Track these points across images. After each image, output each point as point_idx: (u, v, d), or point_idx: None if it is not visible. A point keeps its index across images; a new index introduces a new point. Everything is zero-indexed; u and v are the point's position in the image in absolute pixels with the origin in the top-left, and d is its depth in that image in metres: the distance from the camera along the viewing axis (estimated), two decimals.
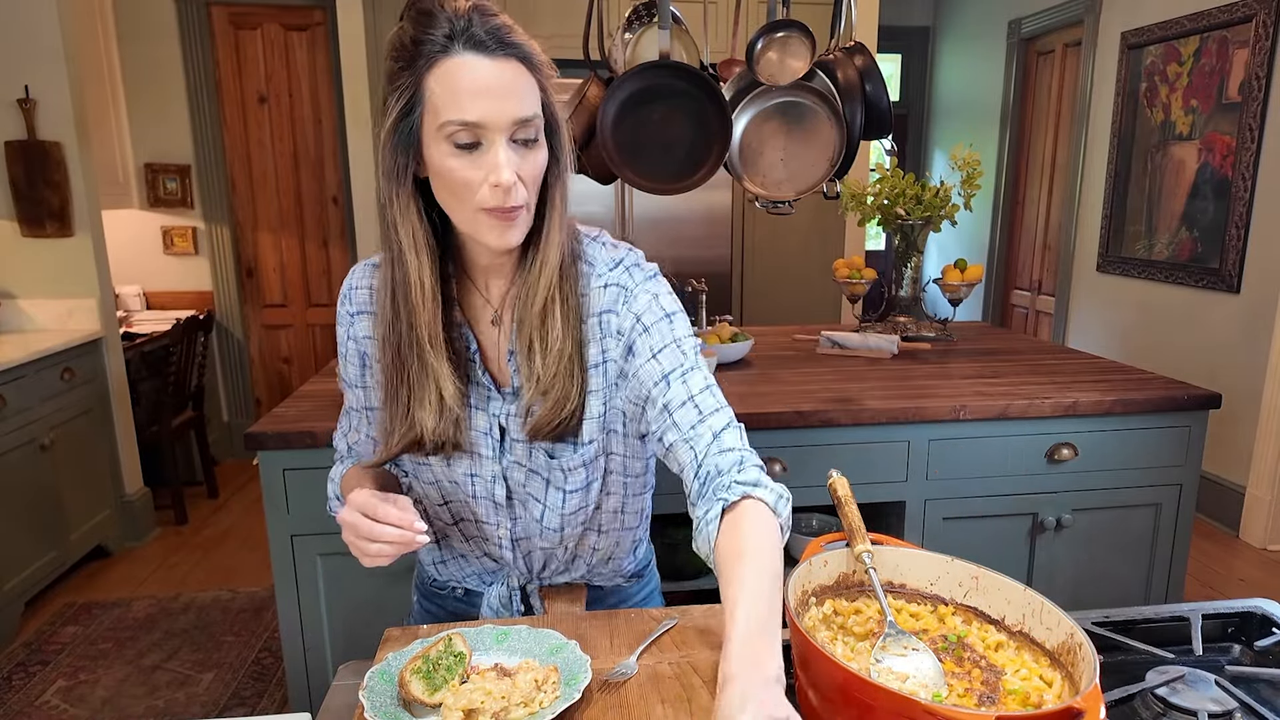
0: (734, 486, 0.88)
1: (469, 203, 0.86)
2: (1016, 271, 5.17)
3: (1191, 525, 2.00)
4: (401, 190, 0.88)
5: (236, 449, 4.42)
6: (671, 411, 0.93)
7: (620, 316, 0.96)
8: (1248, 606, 1.01)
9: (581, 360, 0.96)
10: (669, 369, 0.94)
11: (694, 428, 0.92)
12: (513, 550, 1.08)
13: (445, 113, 0.82)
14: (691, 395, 0.94)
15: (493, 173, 0.84)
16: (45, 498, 2.90)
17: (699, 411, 0.93)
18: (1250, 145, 3.30)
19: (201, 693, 2.40)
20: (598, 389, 0.98)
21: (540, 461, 1.00)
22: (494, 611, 1.11)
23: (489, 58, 0.82)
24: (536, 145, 0.87)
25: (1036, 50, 4.87)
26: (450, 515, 1.08)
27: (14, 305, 3.13)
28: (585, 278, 0.97)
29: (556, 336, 0.93)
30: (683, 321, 0.98)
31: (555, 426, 0.95)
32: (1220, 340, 3.50)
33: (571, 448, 0.99)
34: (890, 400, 1.86)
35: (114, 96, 3.88)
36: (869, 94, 1.95)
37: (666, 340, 0.95)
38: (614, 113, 1.82)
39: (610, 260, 0.99)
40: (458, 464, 1.01)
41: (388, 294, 0.93)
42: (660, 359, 0.95)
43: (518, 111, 0.83)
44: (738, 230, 3.89)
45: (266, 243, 4.34)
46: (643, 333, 0.95)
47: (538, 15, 3.56)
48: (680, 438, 0.93)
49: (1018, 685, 0.75)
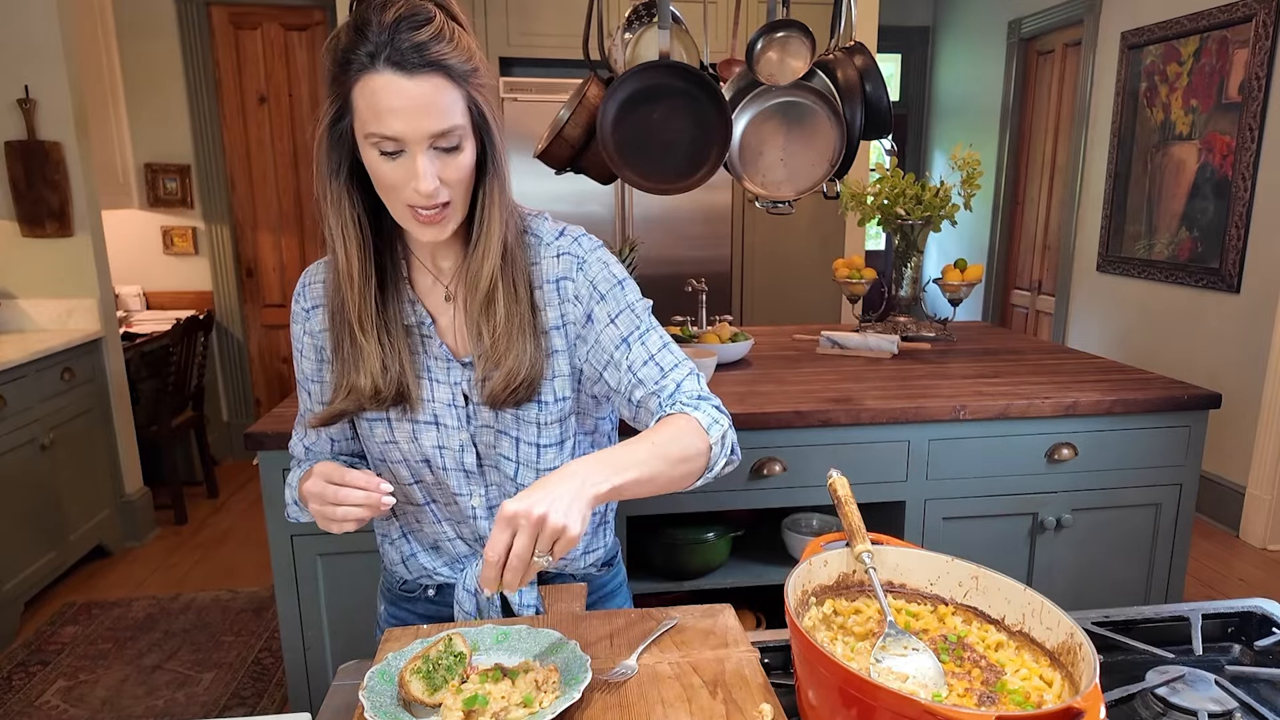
0: (675, 405, 0.99)
1: (398, 200, 0.93)
2: (1016, 271, 5.17)
3: (1191, 525, 2.00)
4: (334, 184, 0.95)
5: (236, 449, 4.42)
6: (635, 370, 1.02)
7: (576, 283, 1.03)
8: (1248, 606, 1.01)
9: (534, 327, 1.01)
10: (627, 332, 1.02)
11: (658, 382, 1.01)
12: (489, 518, 1.09)
13: (368, 126, 0.88)
14: (652, 355, 1.02)
15: (414, 180, 0.90)
16: (45, 498, 2.90)
17: (660, 369, 1.02)
18: (1250, 145, 3.30)
19: (201, 693, 2.40)
20: (562, 348, 1.04)
21: (508, 421, 1.04)
22: (469, 595, 1.10)
23: (407, 76, 0.86)
24: (458, 150, 0.91)
25: (1036, 50, 4.87)
26: (422, 494, 1.09)
27: (14, 305, 3.13)
28: (533, 249, 1.04)
29: (503, 315, 0.99)
30: (633, 287, 1.06)
31: (512, 392, 1.00)
32: (1220, 340, 3.50)
33: (537, 407, 1.04)
34: (890, 400, 1.86)
35: (114, 96, 3.88)
36: (869, 94, 1.95)
37: (621, 306, 1.03)
38: (614, 113, 1.82)
39: (554, 230, 1.06)
40: (425, 436, 1.04)
41: (329, 281, 1.02)
42: (618, 323, 1.03)
43: (435, 126, 0.88)
44: (738, 230, 3.89)
45: (266, 243, 4.34)
46: (599, 300, 1.03)
47: (538, 15, 3.56)
48: (648, 392, 1.01)
49: (1018, 685, 0.75)
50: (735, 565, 2.02)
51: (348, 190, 0.96)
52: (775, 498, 1.86)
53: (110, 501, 3.29)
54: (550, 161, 2.01)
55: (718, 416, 1.00)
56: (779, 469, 1.83)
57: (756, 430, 1.81)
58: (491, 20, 3.53)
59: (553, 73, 3.60)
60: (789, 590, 0.79)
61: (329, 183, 0.95)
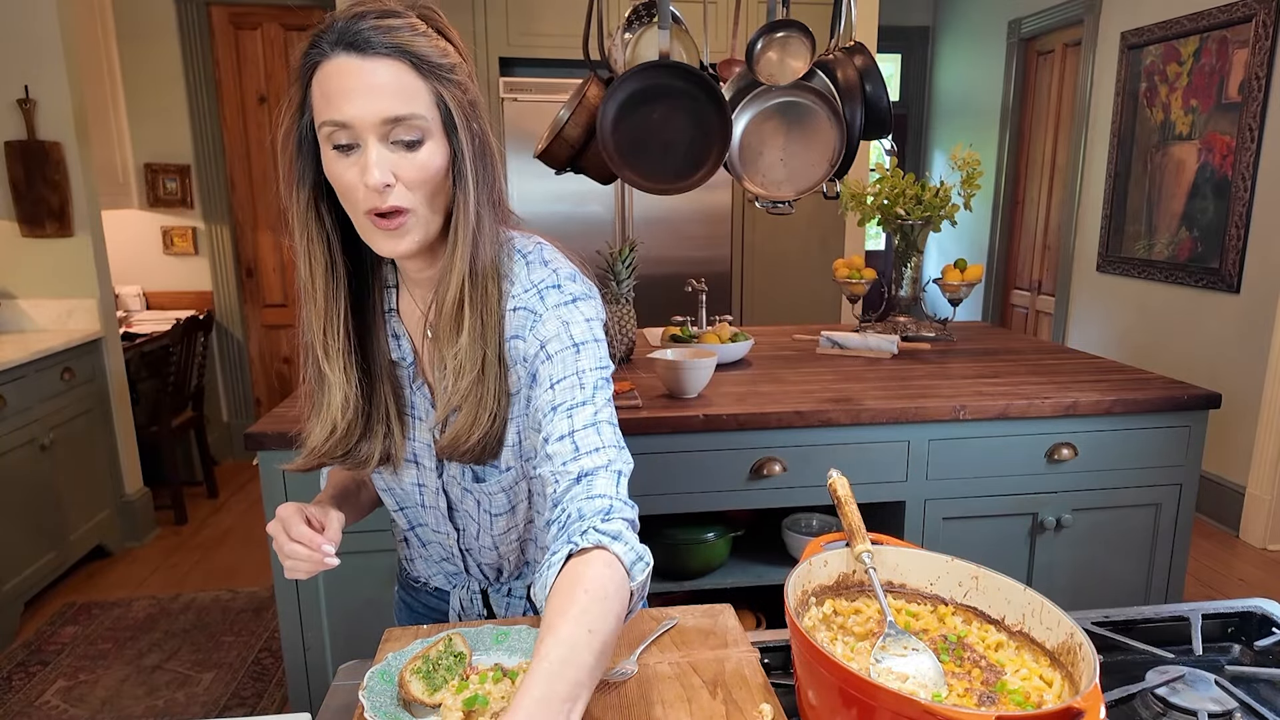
0: (590, 533, 0.80)
1: (355, 208, 0.85)
2: (1016, 271, 5.17)
3: (1191, 525, 2.00)
4: (300, 193, 0.88)
5: (236, 449, 4.42)
6: (548, 443, 0.86)
7: (526, 343, 0.91)
8: (1248, 606, 1.01)
9: (498, 383, 0.91)
10: (559, 401, 0.88)
11: (565, 464, 0.85)
12: (463, 559, 1.09)
13: (321, 113, 0.82)
14: (573, 430, 0.86)
15: (364, 172, 0.81)
16: (45, 498, 2.90)
17: (575, 448, 0.85)
18: (1250, 145, 3.30)
19: (201, 693, 2.40)
20: (514, 416, 0.94)
21: (470, 481, 0.99)
22: (458, 614, 1.12)
23: (361, 57, 0.80)
24: (419, 146, 0.83)
25: (1036, 50, 4.87)
26: (406, 520, 1.09)
27: (14, 305, 3.13)
28: (506, 297, 0.92)
29: (464, 352, 0.89)
30: (591, 353, 0.90)
31: (467, 449, 0.91)
32: (1220, 340, 3.50)
33: (496, 471, 0.97)
34: (890, 400, 1.86)
35: (114, 96, 3.88)
36: (869, 94, 1.95)
37: (568, 371, 0.88)
38: (614, 113, 1.82)
39: (528, 282, 0.92)
40: (405, 473, 1.02)
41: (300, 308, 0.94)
42: (556, 389, 0.88)
43: (387, 110, 0.80)
44: (738, 230, 3.89)
45: (266, 243, 4.34)
46: (545, 360, 0.89)
47: (538, 15, 3.56)
48: (549, 471, 0.86)
49: (1018, 685, 0.75)
50: (735, 565, 2.02)
51: (314, 203, 0.88)
52: (775, 498, 1.86)
53: (110, 501, 3.29)
54: (550, 161, 2.01)
55: (635, 545, 0.82)
56: (779, 469, 1.83)
57: (756, 430, 1.81)
58: (491, 20, 3.53)
59: (553, 73, 3.60)
60: (789, 590, 0.79)
61: (293, 192, 0.87)
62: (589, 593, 0.74)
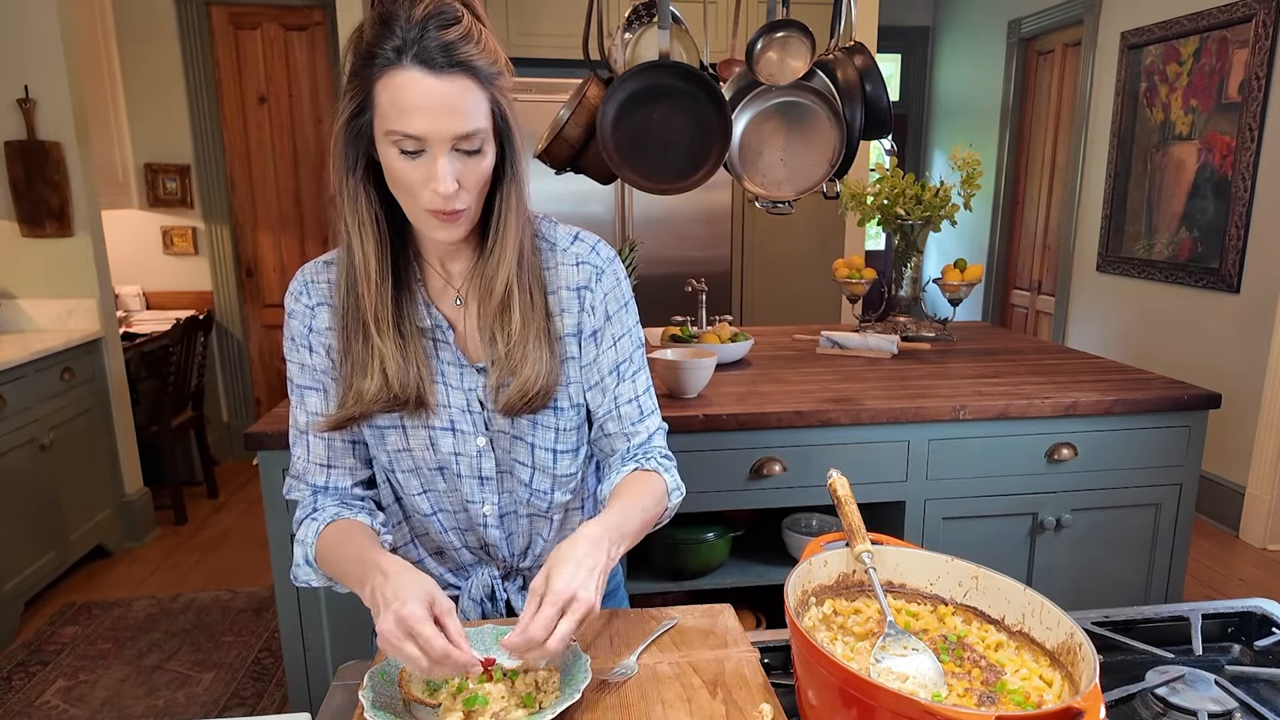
0: (651, 460, 1.05)
1: (414, 201, 0.91)
2: (1016, 271, 5.17)
3: (1191, 525, 2.00)
4: (351, 180, 0.93)
5: (236, 449, 4.42)
6: (619, 404, 1.06)
7: (594, 294, 1.04)
8: (1248, 606, 1.01)
9: (549, 334, 1.01)
10: (621, 360, 1.06)
11: (634, 424, 1.07)
12: (500, 527, 1.08)
13: (390, 123, 0.86)
14: (637, 395, 1.07)
15: (434, 181, 0.88)
16: (45, 498, 2.90)
17: (640, 412, 1.07)
18: (1250, 145, 3.30)
19: (201, 693, 2.40)
20: (575, 355, 1.05)
21: (524, 427, 1.04)
22: (474, 604, 1.10)
23: (434, 75, 0.85)
24: (480, 154, 0.90)
25: (1036, 50, 4.87)
26: (429, 504, 1.07)
27: (14, 305, 3.13)
28: (545, 253, 1.04)
29: (518, 322, 0.98)
30: (634, 309, 1.09)
31: (528, 401, 1.00)
32: (1220, 340, 3.50)
33: (554, 413, 1.04)
34: (890, 400, 1.86)
35: (114, 96, 3.88)
36: (869, 94, 1.95)
37: (624, 329, 1.06)
38: (614, 113, 1.82)
39: (569, 235, 1.05)
40: (442, 442, 1.03)
41: (342, 278, 0.98)
42: (619, 348, 1.05)
43: (459, 128, 0.87)
44: (738, 230, 3.89)
45: (266, 243, 4.34)
46: (607, 319, 1.05)
47: (538, 15, 3.56)
48: (621, 430, 1.07)
49: (1018, 685, 0.75)
50: (735, 565, 2.02)
51: (364, 187, 0.94)
52: (775, 498, 1.86)
53: (110, 501, 3.29)
54: (550, 161, 2.01)
55: (679, 483, 1.07)
56: (779, 469, 1.83)
57: (756, 430, 1.81)
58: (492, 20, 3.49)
59: (553, 73, 3.59)
60: (789, 590, 0.79)
61: (345, 178, 0.93)
62: (647, 488, 1.01)
